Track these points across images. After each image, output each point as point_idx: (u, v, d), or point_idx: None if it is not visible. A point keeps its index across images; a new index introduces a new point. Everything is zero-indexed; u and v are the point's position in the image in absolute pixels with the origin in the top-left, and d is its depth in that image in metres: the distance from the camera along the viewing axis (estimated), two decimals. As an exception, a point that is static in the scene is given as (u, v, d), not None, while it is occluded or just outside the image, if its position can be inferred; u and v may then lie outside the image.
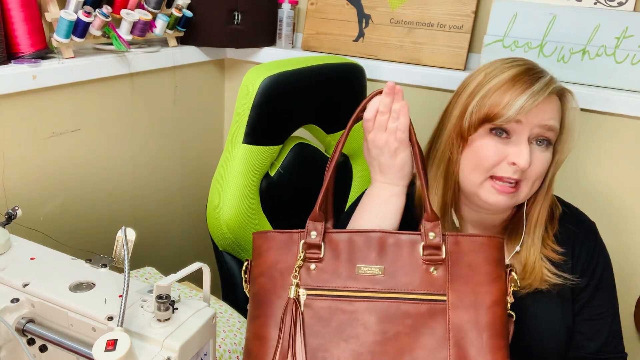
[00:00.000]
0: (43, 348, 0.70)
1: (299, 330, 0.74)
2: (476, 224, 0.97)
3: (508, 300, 0.76)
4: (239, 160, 1.04)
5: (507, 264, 0.78)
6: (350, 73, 1.27)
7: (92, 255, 0.77)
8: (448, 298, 0.75)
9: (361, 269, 0.77)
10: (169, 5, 1.41)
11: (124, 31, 1.28)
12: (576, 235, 0.96)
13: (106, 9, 1.19)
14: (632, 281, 1.29)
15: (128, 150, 1.40)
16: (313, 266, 0.78)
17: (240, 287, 1.08)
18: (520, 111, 0.82)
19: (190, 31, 1.48)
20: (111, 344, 0.57)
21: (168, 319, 0.64)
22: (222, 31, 1.49)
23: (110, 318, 0.65)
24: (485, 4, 1.35)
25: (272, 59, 1.15)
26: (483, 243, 0.77)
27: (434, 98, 1.38)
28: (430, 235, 0.77)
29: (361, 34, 1.48)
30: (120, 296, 0.66)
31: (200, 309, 0.67)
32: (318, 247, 0.78)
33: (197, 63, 1.56)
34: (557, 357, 0.95)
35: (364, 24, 1.47)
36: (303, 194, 1.11)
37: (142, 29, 1.31)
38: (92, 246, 1.31)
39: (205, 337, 0.67)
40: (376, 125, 0.85)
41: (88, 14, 1.14)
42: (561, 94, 0.89)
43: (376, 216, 0.87)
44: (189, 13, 1.44)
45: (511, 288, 0.76)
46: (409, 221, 0.89)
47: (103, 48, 1.28)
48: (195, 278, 0.78)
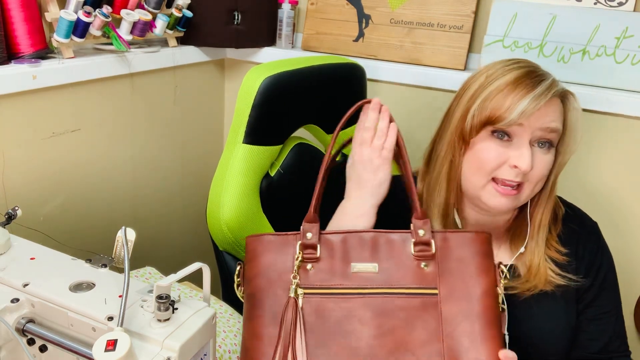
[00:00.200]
0: (43, 348, 0.70)
1: (299, 328, 0.75)
2: (479, 226, 0.97)
3: (499, 291, 0.77)
4: (239, 160, 1.04)
5: (498, 262, 0.79)
6: (350, 73, 1.27)
7: (92, 255, 0.77)
8: (439, 291, 0.77)
9: (356, 267, 0.79)
10: (169, 5, 1.41)
11: (124, 31, 1.28)
12: (579, 235, 0.96)
13: (106, 9, 1.19)
14: (633, 281, 1.30)
15: (128, 150, 1.40)
16: (310, 266, 0.79)
17: (240, 287, 1.08)
18: (522, 115, 0.83)
19: (190, 31, 1.48)
20: (111, 344, 0.57)
21: (168, 319, 0.64)
22: (222, 31, 1.49)
23: (110, 318, 0.65)
24: (485, 4, 1.35)
25: (272, 59, 1.15)
26: (471, 238, 0.79)
27: (434, 98, 1.38)
28: (420, 232, 0.79)
29: (361, 34, 1.48)
30: (120, 296, 0.66)
31: (200, 309, 0.67)
32: (314, 248, 0.80)
33: (197, 63, 1.56)
34: (562, 357, 0.95)
35: (364, 24, 1.47)
36: (303, 194, 1.11)
37: (142, 29, 1.31)
38: (92, 246, 1.31)
39: (205, 337, 0.67)
40: (361, 139, 0.88)
41: (88, 14, 1.14)
42: (563, 96, 0.88)
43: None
44: (189, 13, 1.44)
45: (502, 280, 0.77)
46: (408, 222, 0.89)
47: (103, 48, 1.29)
48: (195, 278, 0.78)
